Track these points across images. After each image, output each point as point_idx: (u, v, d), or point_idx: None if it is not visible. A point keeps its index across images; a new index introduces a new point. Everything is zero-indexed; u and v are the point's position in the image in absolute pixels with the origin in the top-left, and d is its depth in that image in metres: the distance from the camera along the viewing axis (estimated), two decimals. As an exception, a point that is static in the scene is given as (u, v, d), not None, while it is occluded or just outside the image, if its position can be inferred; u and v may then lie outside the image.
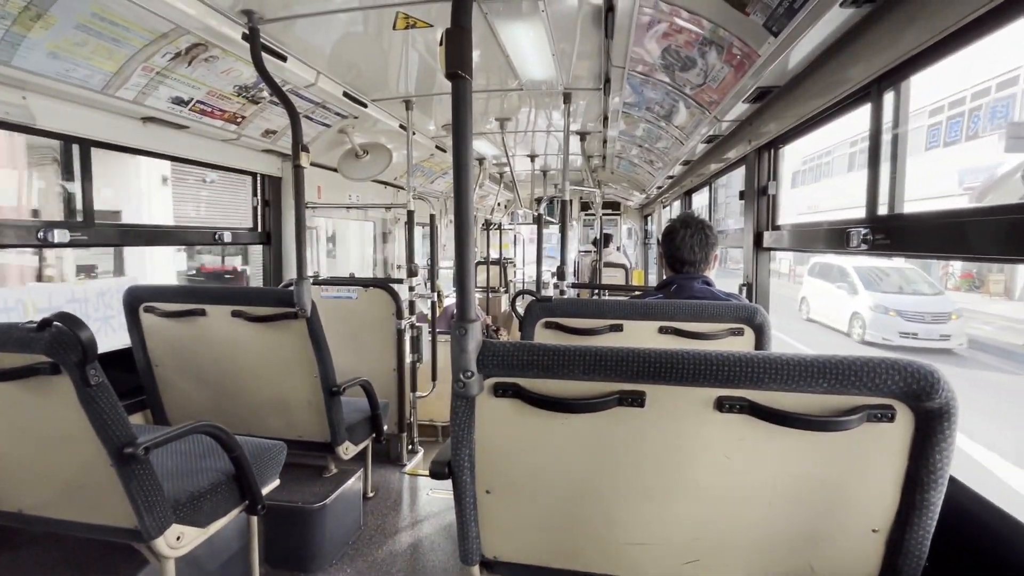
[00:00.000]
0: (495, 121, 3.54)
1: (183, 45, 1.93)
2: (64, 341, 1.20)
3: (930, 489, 0.87)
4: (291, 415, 2.29)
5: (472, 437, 1.04)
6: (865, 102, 1.54)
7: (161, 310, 2.18)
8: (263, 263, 3.38)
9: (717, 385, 0.89)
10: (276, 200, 3.29)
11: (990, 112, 9.30)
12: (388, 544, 2.35)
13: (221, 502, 1.61)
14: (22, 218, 6.07)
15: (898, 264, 9.84)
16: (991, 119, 9.27)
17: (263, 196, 3.26)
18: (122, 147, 2.32)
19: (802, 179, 18.44)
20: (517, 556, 1.16)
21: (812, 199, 16.40)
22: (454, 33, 0.92)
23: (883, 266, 9.83)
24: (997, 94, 9.16)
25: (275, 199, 3.29)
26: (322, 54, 2.29)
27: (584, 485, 1.05)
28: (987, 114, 9.34)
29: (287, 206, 3.28)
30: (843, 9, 1.26)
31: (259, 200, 3.25)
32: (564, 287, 3.17)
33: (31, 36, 1.62)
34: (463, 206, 0.94)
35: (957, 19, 1.06)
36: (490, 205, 6.53)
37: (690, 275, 1.92)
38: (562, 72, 2.49)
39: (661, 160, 3.86)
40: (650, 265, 7.08)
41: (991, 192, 7.88)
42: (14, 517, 1.51)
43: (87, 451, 1.31)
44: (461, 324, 0.95)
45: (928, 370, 0.81)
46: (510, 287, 6.23)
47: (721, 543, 1.02)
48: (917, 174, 14.50)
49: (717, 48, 1.76)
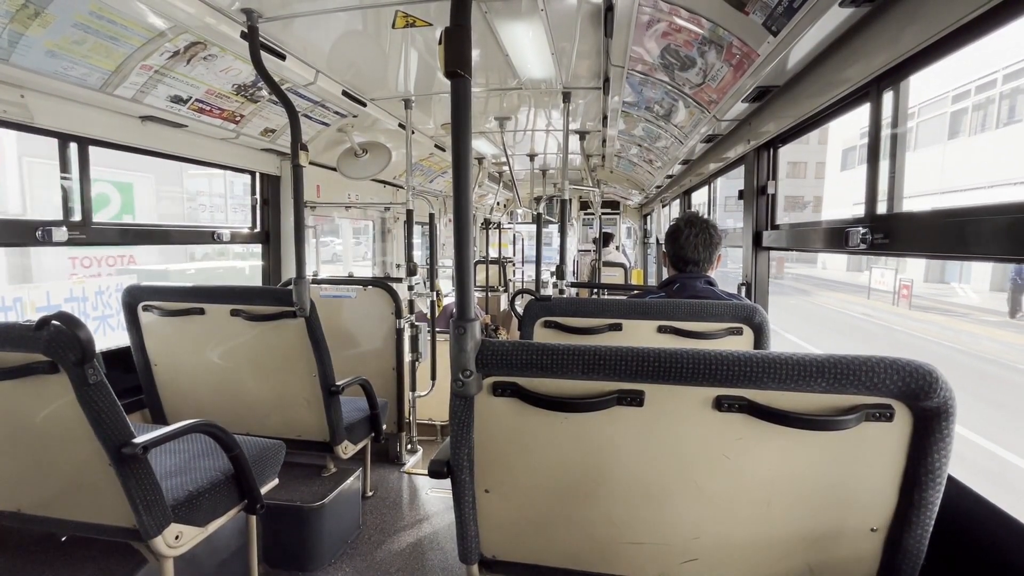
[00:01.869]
0: (494, 120, 3.54)
1: (182, 44, 1.93)
2: (62, 340, 1.20)
3: (928, 488, 0.87)
4: (290, 414, 2.29)
5: (471, 436, 1.04)
6: (864, 102, 1.54)
7: (160, 309, 2.18)
8: (262, 262, 3.37)
9: (716, 384, 0.89)
10: (275, 199, 3.28)
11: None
12: (387, 543, 2.35)
13: (220, 501, 1.60)
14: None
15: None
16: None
17: (262, 195, 3.25)
18: (120, 146, 2.31)
19: (860, 155, 17.33)
20: (516, 555, 1.16)
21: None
22: (453, 32, 0.92)
23: None
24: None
25: (274, 198, 3.28)
26: (321, 53, 2.29)
27: (583, 484, 1.05)
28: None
29: (286, 205, 3.28)
30: (842, 9, 1.26)
31: (258, 199, 3.25)
32: (563, 286, 3.17)
33: (29, 34, 1.62)
34: (462, 205, 0.94)
35: (956, 19, 1.06)
36: (489, 204, 6.52)
37: (693, 274, 1.93)
38: (561, 71, 2.49)
39: (660, 159, 3.86)
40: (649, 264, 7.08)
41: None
42: (12, 516, 1.50)
43: (85, 450, 1.31)
44: (460, 323, 0.95)
45: (927, 369, 0.81)
46: (509, 286, 6.23)
47: (720, 542, 1.02)
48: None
49: (716, 47, 1.75)
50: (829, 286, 20.07)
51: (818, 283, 21.21)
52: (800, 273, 24.16)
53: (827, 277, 22.46)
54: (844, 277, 21.62)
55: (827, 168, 24.23)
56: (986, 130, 13.67)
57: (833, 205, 22.89)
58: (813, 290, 19.32)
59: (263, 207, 3.27)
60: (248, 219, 3.30)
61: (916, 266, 18.96)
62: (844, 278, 21.42)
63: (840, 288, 19.24)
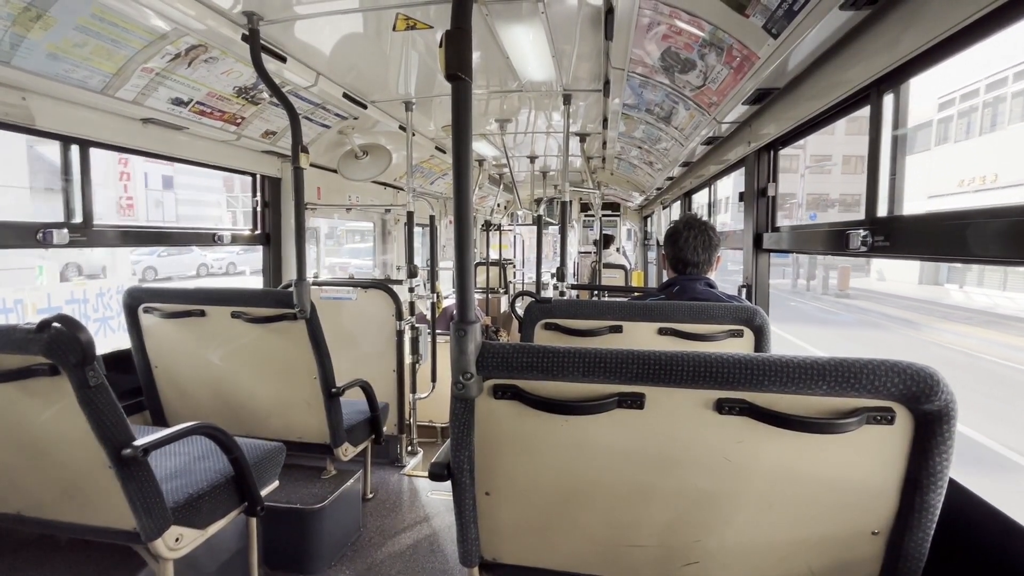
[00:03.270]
0: (495, 122, 3.54)
1: (183, 46, 1.93)
2: (63, 342, 1.20)
3: (930, 491, 0.87)
4: (290, 416, 2.29)
5: (472, 439, 1.04)
6: (864, 104, 1.54)
7: (160, 311, 2.18)
8: (263, 264, 3.37)
9: (716, 387, 0.89)
10: (276, 201, 3.29)
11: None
12: (387, 546, 2.34)
13: (220, 503, 1.60)
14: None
15: None
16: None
17: (263, 197, 3.25)
18: (121, 148, 2.32)
19: (943, 133, 14.95)
20: (517, 558, 1.16)
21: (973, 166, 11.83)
22: (454, 35, 0.92)
23: None
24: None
25: (275, 200, 3.28)
26: (322, 55, 2.29)
27: (584, 487, 1.05)
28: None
29: (287, 207, 3.28)
30: (842, 11, 1.26)
31: (259, 201, 3.25)
32: (564, 288, 3.17)
33: (31, 37, 1.62)
34: (463, 207, 0.94)
35: (956, 22, 1.06)
36: (490, 206, 6.52)
37: (693, 276, 1.93)
38: (562, 73, 2.49)
39: (661, 161, 3.86)
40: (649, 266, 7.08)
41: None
42: (13, 519, 1.50)
43: (86, 452, 1.31)
44: (461, 325, 0.95)
45: (928, 372, 0.81)
46: (510, 288, 6.23)
47: (721, 545, 1.02)
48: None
49: (716, 50, 1.76)
50: (918, 307, 14.84)
51: (904, 303, 15.62)
52: (856, 286, 19.51)
53: (894, 292, 17.65)
54: (918, 292, 16.95)
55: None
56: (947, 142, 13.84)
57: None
58: (914, 318, 13.65)
59: (264, 209, 3.27)
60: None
61: (911, 268, 18.17)
62: (920, 293, 16.69)
63: (941, 311, 14.03)
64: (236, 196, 26.29)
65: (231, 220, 29.02)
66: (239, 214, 26.08)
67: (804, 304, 17.45)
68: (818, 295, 19.63)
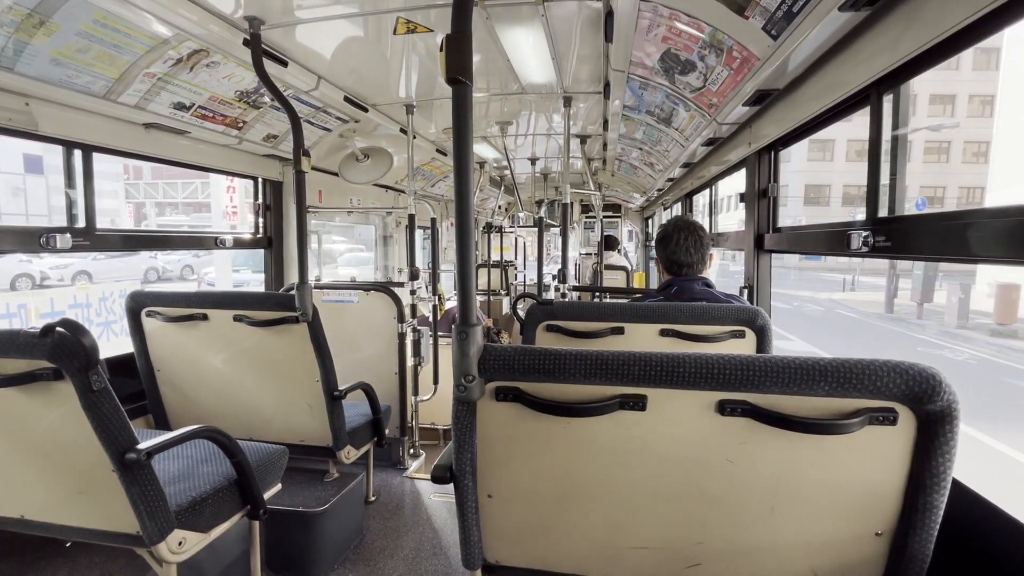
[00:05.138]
0: (496, 125, 3.55)
1: (184, 51, 1.94)
2: (66, 347, 1.21)
3: (933, 492, 0.86)
4: (293, 419, 2.29)
5: (474, 441, 1.04)
6: (864, 105, 1.55)
7: (163, 315, 2.18)
8: (264, 267, 3.38)
9: (719, 388, 0.89)
10: (277, 204, 3.30)
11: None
12: (390, 548, 2.34)
13: (223, 507, 1.60)
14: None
15: None
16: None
17: (264, 200, 3.26)
18: (124, 152, 2.33)
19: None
20: (519, 560, 1.16)
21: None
22: (454, 38, 0.92)
23: None
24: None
25: (276, 203, 3.29)
26: (323, 59, 2.30)
27: (586, 489, 1.05)
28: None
29: (289, 210, 3.29)
30: (842, 13, 1.26)
31: (260, 204, 3.26)
32: (565, 290, 3.17)
33: (34, 43, 1.63)
34: (464, 209, 0.94)
35: (955, 23, 1.06)
36: (491, 208, 6.53)
37: (690, 276, 1.94)
38: (562, 76, 2.50)
39: (661, 162, 3.86)
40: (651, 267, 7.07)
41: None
42: (16, 523, 1.51)
43: (89, 456, 1.31)
44: (462, 328, 0.95)
45: (930, 373, 0.81)
46: (511, 290, 6.23)
47: (723, 547, 1.02)
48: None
49: (716, 51, 1.76)
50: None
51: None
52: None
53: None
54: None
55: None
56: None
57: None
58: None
59: (265, 212, 3.28)
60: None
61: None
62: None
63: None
64: (135, 183, 20.79)
65: (130, 214, 24.10)
66: (151, 207, 20.81)
67: (948, 354, 9.43)
68: (949, 328, 12.03)
